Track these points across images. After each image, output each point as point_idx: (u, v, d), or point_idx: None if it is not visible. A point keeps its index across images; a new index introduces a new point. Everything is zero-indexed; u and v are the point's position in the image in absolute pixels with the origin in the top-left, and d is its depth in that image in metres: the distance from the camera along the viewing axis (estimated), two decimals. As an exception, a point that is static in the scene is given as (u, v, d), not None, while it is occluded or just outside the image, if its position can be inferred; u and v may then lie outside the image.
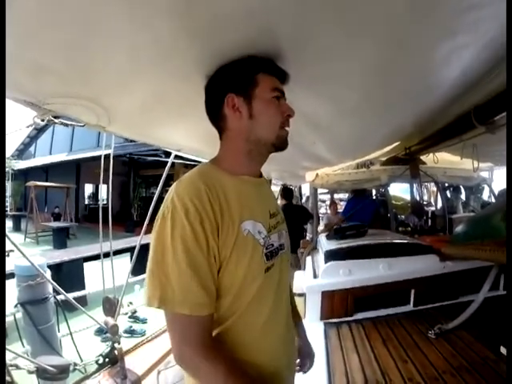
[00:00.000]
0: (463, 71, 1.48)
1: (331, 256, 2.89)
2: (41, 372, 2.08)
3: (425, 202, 6.42)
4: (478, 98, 1.95)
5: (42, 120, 1.36)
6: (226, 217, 0.81)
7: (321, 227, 5.12)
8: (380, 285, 2.65)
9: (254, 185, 0.96)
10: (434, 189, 6.91)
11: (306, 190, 8.14)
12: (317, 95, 1.38)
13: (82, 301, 6.12)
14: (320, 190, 6.27)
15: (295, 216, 4.87)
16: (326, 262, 2.81)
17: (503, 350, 1.93)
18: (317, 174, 4.42)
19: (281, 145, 0.94)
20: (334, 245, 3.19)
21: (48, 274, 3.26)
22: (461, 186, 5.52)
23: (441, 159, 3.86)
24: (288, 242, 1.08)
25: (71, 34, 0.75)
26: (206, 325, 0.79)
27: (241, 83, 0.90)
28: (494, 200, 4.80)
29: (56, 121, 1.38)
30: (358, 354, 2.05)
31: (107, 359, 2.41)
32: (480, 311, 2.23)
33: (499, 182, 4.72)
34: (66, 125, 1.46)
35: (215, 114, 0.95)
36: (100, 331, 5.23)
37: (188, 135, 1.65)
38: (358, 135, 2.35)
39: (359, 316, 2.63)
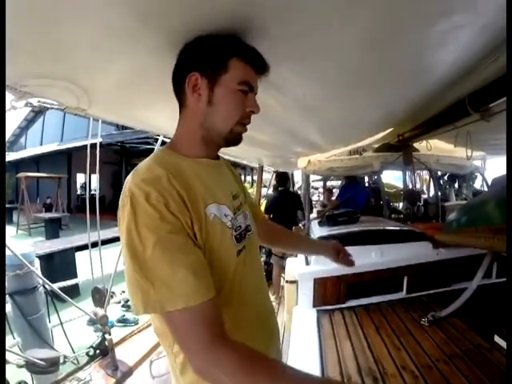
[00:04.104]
0: (459, 55, 1.44)
1: None
2: (30, 366, 2.05)
3: (418, 190, 6.45)
4: (473, 84, 1.91)
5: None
6: (192, 202, 0.76)
7: (314, 214, 5.10)
8: (373, 271, 2.63)
9: (213, 167, 0.92)
10: (427, 177, 6.93)
11: (298, 178, 8.12)
12: (306, 75, 1.33)
13: (75, 290, 6.12)
14: (312, 178, 6.23)
15: (291, 203, 4.84)
16: None
17: (497, 339, 1.92)
18: (309, 161, 4.37)
19: (232, 140, 0.89)
20: (326, 231, 3.17)
21: (37, 263, 3.21)
22: (454, 174, 5.54)
23: (434, 147, 3.85)
24: (254, 224, 1.05)
25: (41, 6, 0.69)
26: (210, 312, 0.68)
27: (210, 64, 0.83)
28: (486, 188, 4.81)
29: (34, 103, 1.32)
30: (350, 342, 2.03)
31: (98, 351, 2.39)
32: (473, 299, 2.22)
33: (492, 171, 4.73)
34: (46, 108, 1.40)
35: (177, 86, 0.89)
36: (92, 321, 5.22)
37: (173, 117, 1.61)
38: (349, 119, 2.31)
39: (352, 303, 2.61)
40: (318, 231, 3.34)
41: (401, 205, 6.02)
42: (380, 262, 2.68)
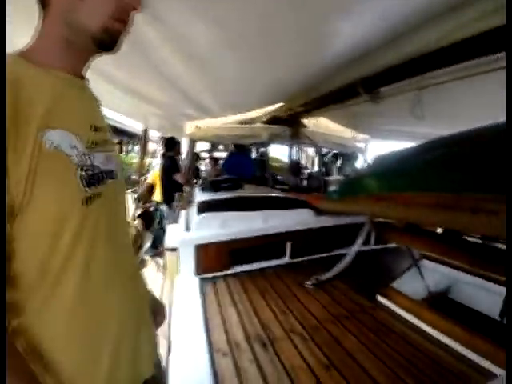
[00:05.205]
0: (356, 40, 1.50)
1: (205, 207, 2.71)
2: None
3: (303, 165, 6.78)
4: (367, 69, 1.95)
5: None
6: (23, 120, 0.54)
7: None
8: (256, 237, 2.57)
9: (73, 85, 0.70)
10: (312, 154, 7.31)
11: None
12: (200, 16, 1.20)
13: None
14: (200, 148, 6.06)
15: (175, 170, 4.56)
16: (199, 214, 2.61)
17: (379, 298, 2.03)
18: (197, 126, 4.13)
19: (106, 42, 0.69)
20: (207, 196, 3.04)
21: None
22: (337, 153, 5.97)
23: (322, 125, 3.99)
24: (122, 169, 0.82)
25: None
26: None
27: None
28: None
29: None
30: (236, 309, 1.90)
31: None
32: (354, 263, 2.33)
33: (373, 152, 5.16)
34: None
35: None
36: None
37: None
38: (241, 83, 2.25)
39: (236, 269, 2.51)
40: (199, 196, 3.16)
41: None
42: (263, 228, 2.63)
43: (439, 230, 2.24)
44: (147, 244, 4.91)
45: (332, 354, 1.50)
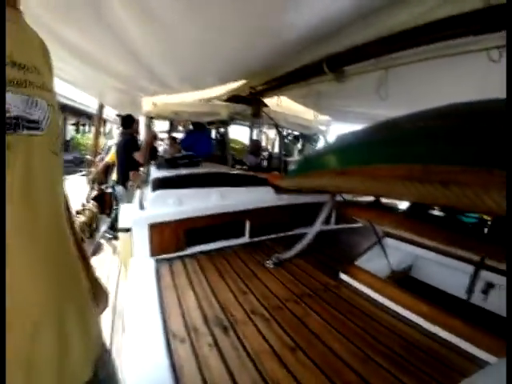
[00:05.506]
0: (323, 16, 1.45)
1: (159, 184, 2.53)
2: None
3: (263, 146, 6.68)
4: (333, 47, 1.90)
5: None
6: None
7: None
8: (214, 215, 2.46)
9: None
10: (272, 136, 7.22)
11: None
12: None
13: None
14: (159, 129, 5.84)
15: (135, 148, 4.34)
16: (153, 191, 2.44)
17: (342, 276, 2.00)
18: (153, 103, 3.87)
19: None
20: (163, 173, 2.85)
21: None
22: (298, 134, 5.89)
23: (284, 106, 3.89)
24: (56, 126, 0.62)
25: None
26: None
27: None
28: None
29: None
30: (194, 291, 1.79)
31: None
32: (316, 242, 2.29)
33: (334, 135, 5.16)
34: None
35: None
36: None
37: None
38: (201, 54, 2.10)
39: (193, 250, 2.38)
40: (154, 174, 2.96)
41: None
42: (221, 205, 2.51)
43: (403, 207, 2.25)
44: (103, 227, 4.64)
45: (296, 334, 1.44)
